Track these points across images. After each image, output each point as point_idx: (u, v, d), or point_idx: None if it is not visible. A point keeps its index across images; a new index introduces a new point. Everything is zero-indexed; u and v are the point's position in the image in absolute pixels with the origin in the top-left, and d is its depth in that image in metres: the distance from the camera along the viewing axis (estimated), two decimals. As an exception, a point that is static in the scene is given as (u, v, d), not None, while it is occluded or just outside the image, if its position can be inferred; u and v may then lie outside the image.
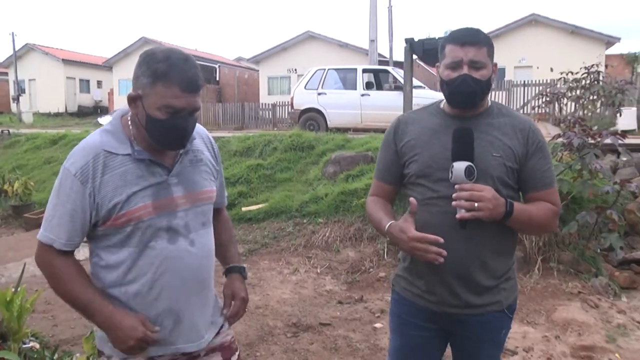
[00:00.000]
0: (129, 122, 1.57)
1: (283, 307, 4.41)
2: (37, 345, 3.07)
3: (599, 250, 4.89)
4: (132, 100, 1.50)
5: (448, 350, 1.95)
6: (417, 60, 9.93)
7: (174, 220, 1.57)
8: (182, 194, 1.60)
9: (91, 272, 1.60)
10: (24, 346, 3.00)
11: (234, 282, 1.85)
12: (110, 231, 1.53)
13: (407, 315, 1.88)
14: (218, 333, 1.76)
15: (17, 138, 13.16)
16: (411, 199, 1.66)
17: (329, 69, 12.86)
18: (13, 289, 2.96)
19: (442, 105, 1.83)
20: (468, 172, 1.59)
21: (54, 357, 2.81)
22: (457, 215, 1.61)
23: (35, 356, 2.93)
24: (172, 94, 1.45)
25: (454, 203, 1.61)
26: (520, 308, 4.21)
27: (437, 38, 6.17)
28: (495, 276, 1.74)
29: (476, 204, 1.58)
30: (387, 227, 1.72)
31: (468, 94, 1.67)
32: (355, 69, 12.77)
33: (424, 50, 6.17)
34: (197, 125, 1.64)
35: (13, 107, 28.73)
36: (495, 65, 1.72)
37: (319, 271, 5.30)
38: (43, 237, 1.52)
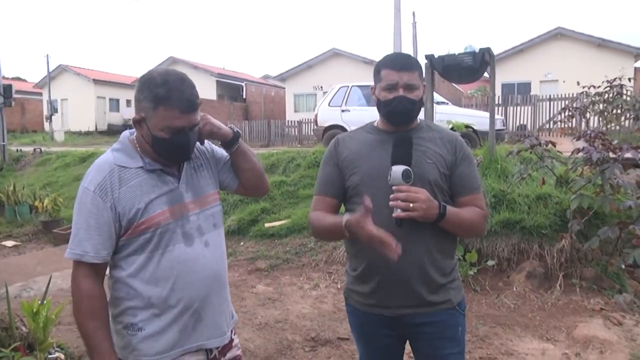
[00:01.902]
0: (135, 141, 1.70)
1: (302, 322, 4.45)
2: (62, 356, 3.20)
3: (623, 266, 4.80)
4: (137, 122, 1.63)
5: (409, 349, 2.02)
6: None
7: (188, 224, 1.68)
8: (192, 199, 1.72)
9: (112, 285, 1.69)
10: (50, 356, 3.14)
11: None
12: (130, 240, 1.62)
13: (365, 325, 1.99)
14: (232, 346, 1.84)
15: (48, 156, 13.56)
16: (364, 196, 1.68)
17: (352, 86, 12.93)
18: (39, 301, 3.08)
19: (375, 124, 2.00)
20: (405, 175, 1.73)
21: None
22: (394, 214, 1.72)
23: (60, 366, 3.05)
24: (173, 116, 1.57)
25: (391, 203, 1.72)
26: (540, 324, 4.17)
27: (456, 54, 6.18)
28: (444, 274, 1.87)
29: (411, 205, 1.70)
30: (344, 221, 1.72)
31: (404, 113, 1.86)
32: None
33: (444, 67, 6.19)
34: None
35: (46, 126, 29.65)
36: (424, 85, 1.92)
37: (339, 286, 5.32)
38: (71, 254, 1.59)
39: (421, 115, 2.06)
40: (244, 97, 30.26)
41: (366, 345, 2.03)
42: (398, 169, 1.73)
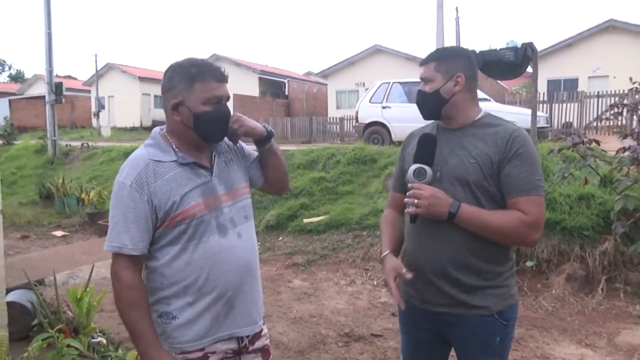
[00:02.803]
0: (167, 135, 1.75)
1: (337, 317, 4.49)
2: (104, 341, 3.35)
3: (670, 271, 4.64)
4: (175, 107, 1.68)
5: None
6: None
7: (221, 215, 1.72)
8: (224, 191, 1.76)
9: (147, 276, 1.74)
10: (93, 340, 3.29)
11: None
12: (166, 231, 1.67)
13: (407, 315, 1.98)
14: (261, 335, 1.88)
15: (94, 151, 14.01)
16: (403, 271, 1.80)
17: (393, 83, 12.86)
18: (83, 289, 3.23)
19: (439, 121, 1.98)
20: (417, 173, 1.77)
21: (117, 352, 3.04)
22: (406, 210, 1.81)
23: (101, 350, 3.19)
24: (212, 87, 1.66)
25: (405, 200, 1.79)
26: (579, 329, 4.07)
27: (498, 49, 6.06)
28: (480, 277, 1.79)
29: (415, 201, 1.74)
30: (383, 255, 1.90)
31: (420, 104, 1.90)
32: (420, 82, 12.70)
33: (485, 62, 6.06)
34: None
35: (94, 122, 30.66)
36: (456, 75, 1.82)
37: (375, 283, 5.34)
38: (110, 247, 1.65)
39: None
40: (287, 93, 30.43)
41: (407, 334, 2.03)
42: (412, 168, 1.78)
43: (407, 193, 1.77)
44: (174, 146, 1.72)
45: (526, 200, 1.72)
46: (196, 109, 1.65)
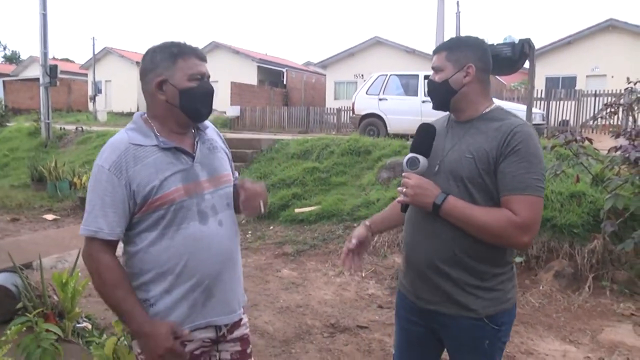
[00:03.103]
0: (149, 119, 1.73)
1: (323, 308, 4.49)
2: (89, 326, 3.34)
3: (658, 271, 4.65)
4: (159, 86, 1.66)
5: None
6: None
7: (203, 202, 1.70)
8: (207, 177, 1.73)
9: (126, 262, 1.72)
10: (78, 325, 3.28)
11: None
12: (144, 217, 1.65)
13: (402, 309, 1.97)
14: (240, 324, 1.87)
15: (88, 135, 13.90)
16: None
17: (390, 75, 12.82)
18: (69, 273, 3.21)
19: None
20: (410, 162, 1.76)
21: (101, 338, 3.02)
22: (397, 199, 1.84)
23: (86, 335, 3.18)
24: (194, 63, 1.68)
25: (397, 189, 1.82)
26: (564, 325, 4.09)
27: (495, 44, 6.04)
28: (472, 276, 1.74)
29: (403, 189, 1.75)
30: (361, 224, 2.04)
31: (430, 94, 1.88)
32: (417, 75, 12.67)
33: (481, 58, 6.06)
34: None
35: (90, 106, 30.52)
36: (467, 66, 1.77)
37: (363, 275, 5.34)
38: (85, 231, 1.62)
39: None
40: (285, 83, 30.35)
41: (400, 330, 2.01)
42: (406, 157, 1.78)
43: (401, 182, 1.78)
44: (155, 130, 1.70)
45: (518, 200, 1.63)
46: (181, 85, 1.65)
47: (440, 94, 1.82)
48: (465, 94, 1.78)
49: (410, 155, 1.77)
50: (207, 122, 1.86)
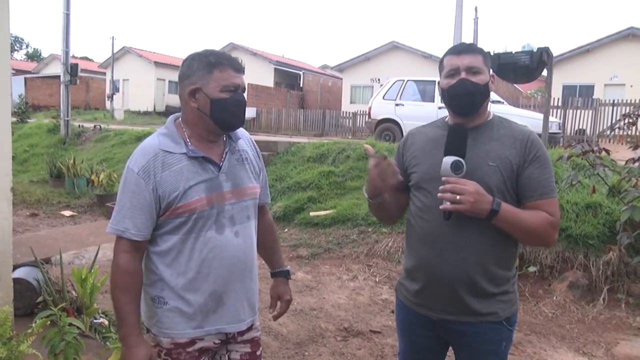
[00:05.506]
0: (182, 125, 1.78)
1: (337, 312, 4.52)
2: (106, 322, 3.40)
3: (674, 285, 4.62)
4: (192, 94, 1.71)
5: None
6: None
7: (222, 212, 1.74)
8: (230, 189, 1.77)
9: (146, 259, 1.77)
10: (95, 321, 3.34)
11: (279, 285, 2.09)
12: (168, 221, 1.70)
13: (409, 321, 1.96)
14: (251, 328, 1.91)
15: (106, 133, 14.07)
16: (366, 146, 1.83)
17: (407, 80, 12.83)
18: (87, 269, 3.28)
19: (447, 119, 1.92)
20: (455, 166, 1.67)
21: (118, 334, 3.08)
22: (441, 206, 1.68)
23: (103, 331, 3.25)
24: (229, 75, 1.70)
25: (439, 195, 1.68)
26: (578, 337, 4.08)
27: (513, 52, 6.04)
28: (496, 284, 1.77)
29: (458, 197, 1.64)
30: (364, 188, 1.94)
31: (467, 96, 1.76)
32: (434, 81, 12.64)
33: (499, 65, 6.05)
34: (241, 128, 1.86)
35: (107, 104, 30.86)
36: (493, 76, 1.82)
37: (377, 280, 5.37)
38: (112, 229, 1.69)
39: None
40: (301, 85, 30.42)
41: (407, 342, 2.00)
42: (448, 160, 1.68)
43: (443, 187, 1.67)
44: (186, 137, 1.74)
45: (549, 202, 1.73)
46: (213, 95, 1.68)
47: (478, 97, 1.77)
48: (488, 100, 1.83)
49: (454, 158, 1.68)
50: (241, 132, 1.88)
